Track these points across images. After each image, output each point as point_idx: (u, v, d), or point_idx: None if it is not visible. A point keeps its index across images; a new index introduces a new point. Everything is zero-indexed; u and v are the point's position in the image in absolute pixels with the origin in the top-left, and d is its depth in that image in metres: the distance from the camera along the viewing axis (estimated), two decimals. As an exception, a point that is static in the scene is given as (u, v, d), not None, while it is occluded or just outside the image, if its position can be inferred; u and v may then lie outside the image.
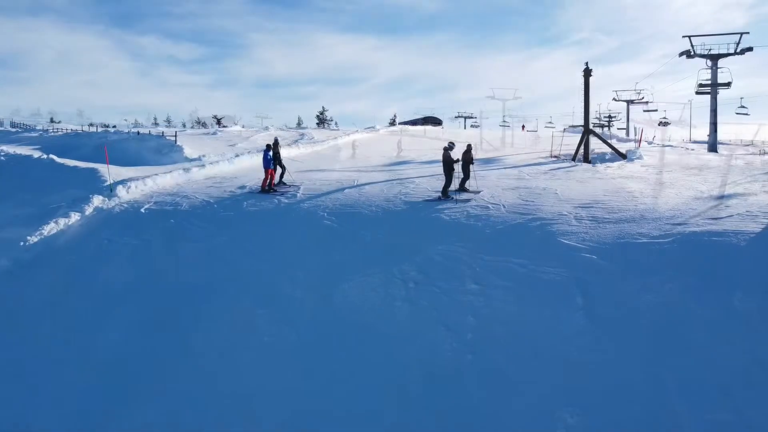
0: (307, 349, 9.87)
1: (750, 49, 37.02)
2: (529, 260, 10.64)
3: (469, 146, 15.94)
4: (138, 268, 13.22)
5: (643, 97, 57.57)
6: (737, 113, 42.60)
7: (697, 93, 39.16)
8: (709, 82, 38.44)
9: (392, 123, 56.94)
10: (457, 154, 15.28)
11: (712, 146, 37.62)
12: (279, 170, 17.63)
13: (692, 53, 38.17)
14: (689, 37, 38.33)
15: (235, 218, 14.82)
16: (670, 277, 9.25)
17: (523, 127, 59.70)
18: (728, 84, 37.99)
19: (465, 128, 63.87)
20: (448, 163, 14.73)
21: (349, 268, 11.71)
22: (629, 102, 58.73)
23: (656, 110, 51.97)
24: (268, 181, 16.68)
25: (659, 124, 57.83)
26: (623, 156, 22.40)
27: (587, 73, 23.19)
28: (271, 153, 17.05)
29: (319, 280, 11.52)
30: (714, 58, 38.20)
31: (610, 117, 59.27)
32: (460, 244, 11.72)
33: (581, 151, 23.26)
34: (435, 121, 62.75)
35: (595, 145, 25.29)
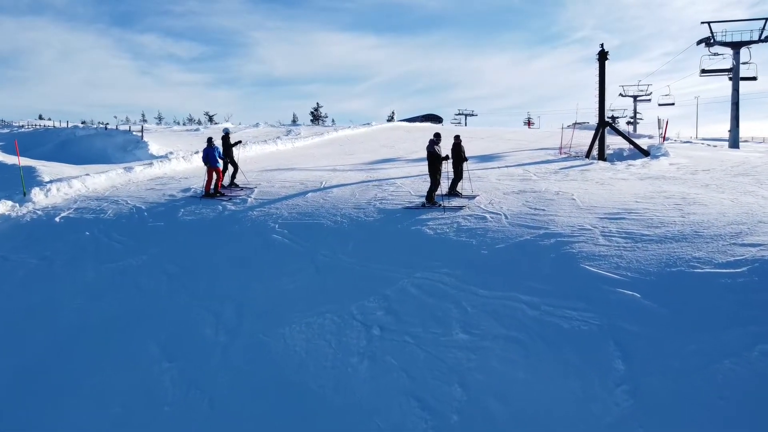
0: (220, 429, 6.79)
1: (780, 35, 33.68)
2: (542, 297, 7.51)
3: (457, 138, 12.55)
4: (29, 297, 10.18)
5: (650, 93, 54.42)
6: None
7: (702, 74, 35.97)
8: (712, 68, 35.39)
9: (390, 120, 53.65)
10: (445, 149, 12.09)
11: (734, 142, 34.28)
12: (230, 170, 14.50)
13: (712, 40, 34.96)
14: (709, 23, 35.18)
15: (165, 230, 11.72)
16: (758, 332, 6.11)
17: (530, 122, 57.00)
18: (727, 70, 34.72)
19: (466, 125, 60.69)
20: (434, 161, 11.51)
21: (296, 302, 8.64)
22: (635, 97, 55.40)
23: (673, 104, 48.58)
24: (214, 182, 13.51)
25: (627, 123, 54.77)
26: (646, 153, 19.23)
27: (602, 55, 20.02)
28: (221, 148, 13.95)
29: (253, 321, 8.46)
30: (736, 46, 34.97)
31: (613, 117, 55.77)
32: (447, 270, 8.60)
33: (596, 146, 20.06)
34: (436, 119, 59.71)
35: (610, 140, 22.10)
